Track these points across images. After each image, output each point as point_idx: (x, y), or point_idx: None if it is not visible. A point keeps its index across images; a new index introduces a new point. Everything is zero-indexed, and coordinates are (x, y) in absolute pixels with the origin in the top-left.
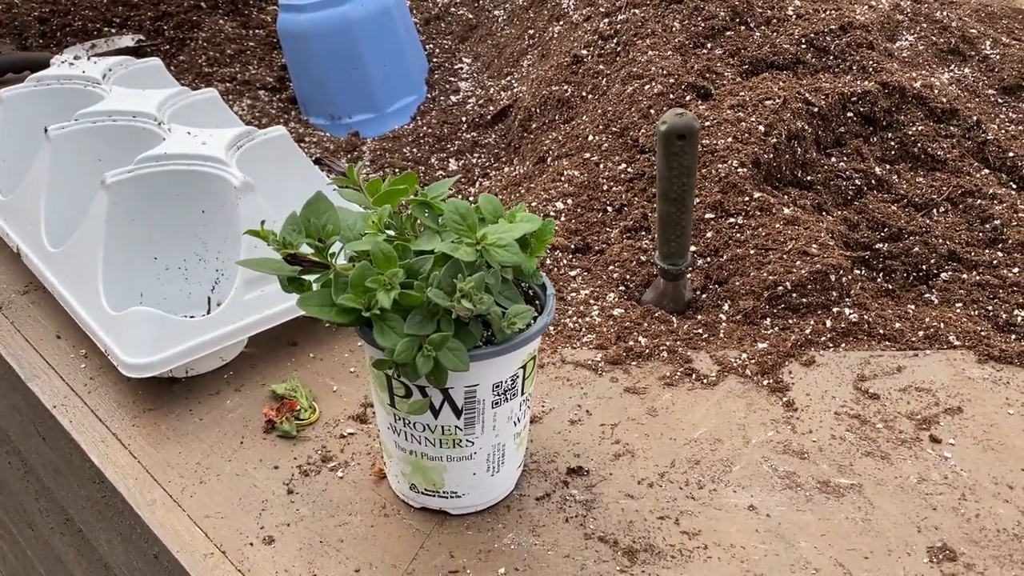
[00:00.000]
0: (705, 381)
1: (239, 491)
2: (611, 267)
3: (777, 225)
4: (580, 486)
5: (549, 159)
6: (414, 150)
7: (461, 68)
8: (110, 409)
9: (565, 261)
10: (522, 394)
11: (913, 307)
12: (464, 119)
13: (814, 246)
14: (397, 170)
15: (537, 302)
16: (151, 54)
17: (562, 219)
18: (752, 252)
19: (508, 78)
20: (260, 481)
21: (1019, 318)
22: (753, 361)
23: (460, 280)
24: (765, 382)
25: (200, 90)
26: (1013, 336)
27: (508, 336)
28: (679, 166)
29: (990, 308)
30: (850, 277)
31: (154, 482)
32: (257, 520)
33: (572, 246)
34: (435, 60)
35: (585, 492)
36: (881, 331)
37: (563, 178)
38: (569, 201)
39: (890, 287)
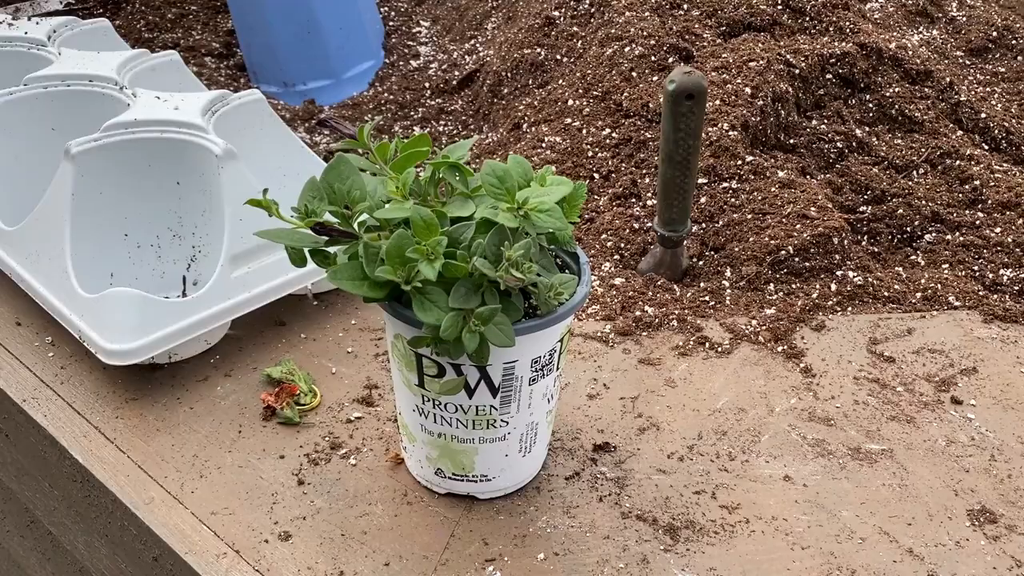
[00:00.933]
0: (719, 349)
1: (245, 484)
2: (604, 235)
3: (772, 188)
4: (609, 463)
5: (525, 125)
6: (376, 118)
7: (419, 32)
8: (88, 400)
9: None
10: (557, 369)
11: (901, 269)
12: (427, 85)
13: (812, 209)
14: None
15: (567, 271)
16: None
17: None
18: (749, 217)
19: (472, 42)
20: (267, 472)
21: (1005, 277)
22: (764, 328)
23: (507, 248)
24: (779, 348)
25: (160, 52)
26: (1008, 296)
27: (553, 308)
28: (686, 127)
29: (976, 268)
30: (851, 240)
31: (149, 478)
32: (269, 515)
33: None
34: (391, 24)
35: (615, 469)
36: (886, 293)
37: (544, 145)
38: (553, 169)
39: (876, 250)
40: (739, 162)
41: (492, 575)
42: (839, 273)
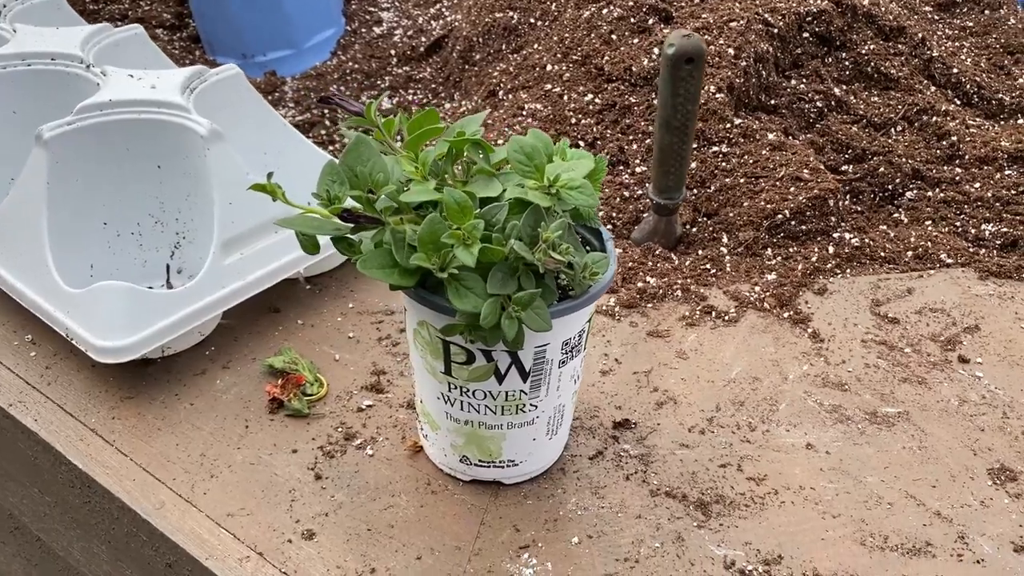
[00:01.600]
0: (726, 318)
1: (260, 482)
2: None
3: (764, 151)
4: (631, 440)
5: (501, 92)
6: (342, 88)
7: None
8: (80, 401)
9: None
10: (584, 349)
11: (886, 227)
12: (393, 52)
13: (805, 171)
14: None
15: (588, 248)
16: None
17: None
18: (742, 181)
19: (438, 6)
20: (281, 468)
21: (987, 232)
22: (768, 294)
23: (543, 229)
24: (785, 315)
25: (124, 27)
26: (993, 252)
27: (586, 288)
28: (685, 92)
29: (958, 224)
30: (845, 202)
31: (157, 482)
32: (289, 513)
33: None
34: None
35: (637, 446)
36: (882, 254)
37: (524, 112)
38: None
39: (859, 209)
40: (728, 125)
41: (528, 563)
42: (835, 235)
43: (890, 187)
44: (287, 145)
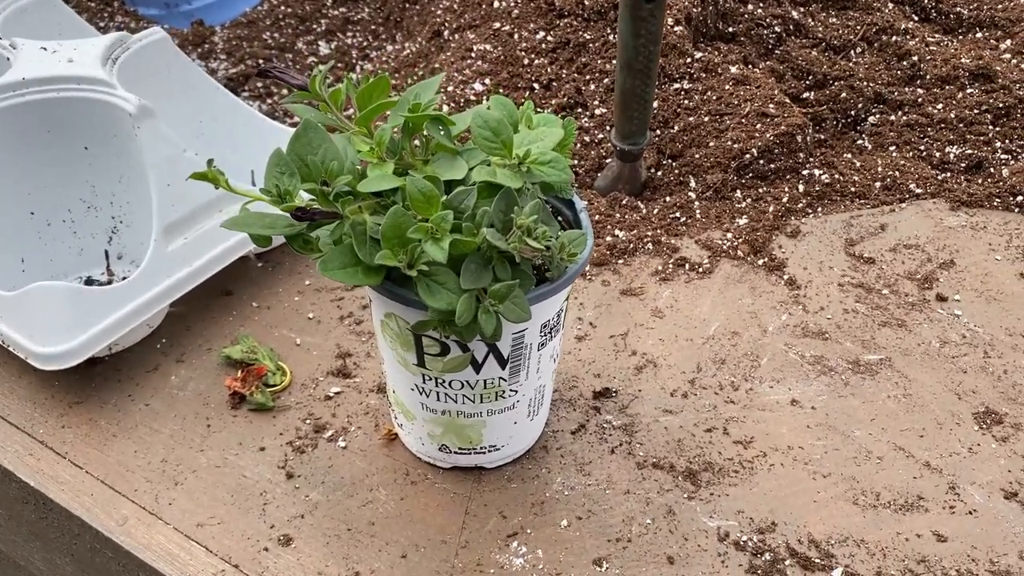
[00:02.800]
0: (700, 270)
1: (228, 487)
2: None
3: (727, 87)
4: (612, 410)
5: (447, 33)
6: (275, 35)
7: None
8: (25, 411)
9: None
10: (562, 328)
11: (849, 155)
12: None
13: (771, 106)
14: (271, 63)
15: (559, 219)
16: None
17: (484, 101)
18: (707, 120)
19: None
20: (249, 469)
21: (952, 155)
22: (741, 240)
23: (517, 214)
24: (760, 262)
25: None
26: (959, 175)
27: (564, 269)
28: (647, 33)
29: (922, 148)
30: (811, 136)
31: (117, 495)
32: (263, 518)
33: None
34: None
35: (620, 416)
36: (852, 189)
37: (473, 54)
38: (488, 81)
39: (822, 136)
40: (688, 60)
41: (518, 551)
42: (805, 172)
43: (852, 113)
44: (222, 111)
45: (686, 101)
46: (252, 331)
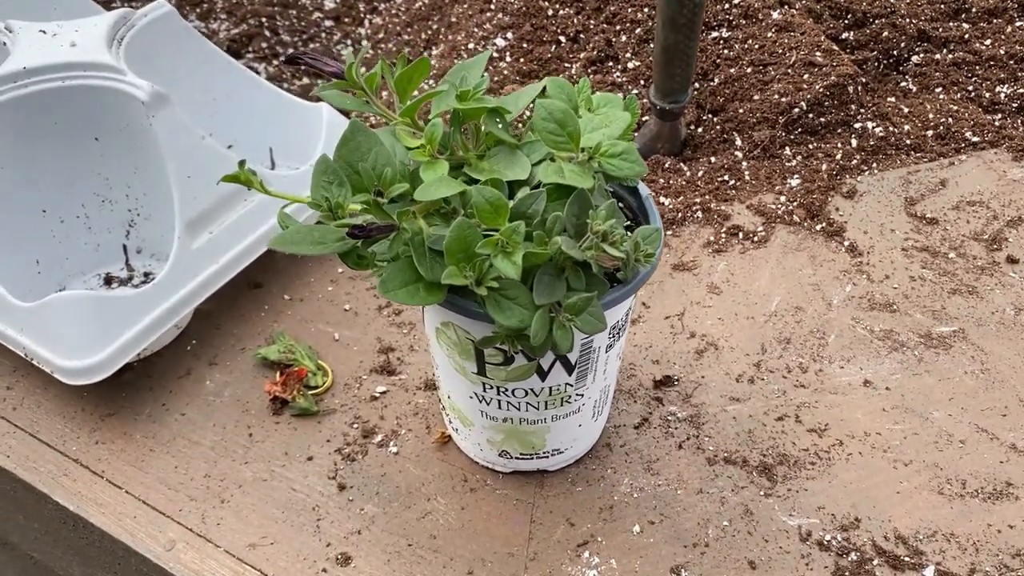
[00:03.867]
0: (755, 238)
1: (278, 501)
2: None
3: (769, 34)
4: (676, 400)
5: None
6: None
7: None
8: (55, 426)
9: (527, 112)
10: (628, 323)
11: (893, 99)
12: None
13: (818, 54)
14: (299, 35)
15: (622, 207)
16: None
17: (508, 59)
18: (749, 71)
19: None
20: (298, 482)
21: (1002, 95)
22: (795, 203)
23: (592, 218)
24: (818, 227)
25: None
26: (1008, 116)
27: (637, 271)
28: None
29: (971, 88)
30: (863, 85)
31: (161, 516)
32: (317, 536)
33: None
34: None
35: (684, 406)
36: (908, 142)
37: (493, 6)
38: (510, 35)
39: (864, 80)
40: (726, 5)
41: (590, 562)
42: (857, 126)
43: (895, 53)
44: (235, 85)
45: (726, 51)
46: (286, 327)
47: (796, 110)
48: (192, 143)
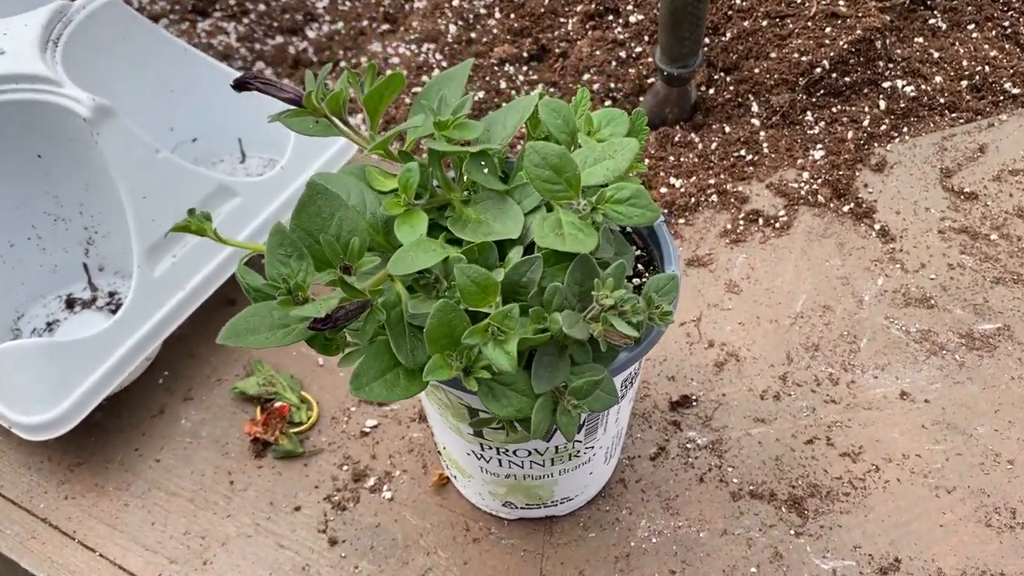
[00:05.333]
0: (776, 224)
1: (264, 561)
2: (584, 74)
3: None
4: (695, 424)
5: None
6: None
7: None
8: (21, 479)
9: (521, 77)
10: (640, 367)
11: (921, 39)
12: None
13: (840, 4)
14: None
15: (633, 245)
16: None
17: (497, 15)
18: (765, 24)
19: None
20: (286, 537)
21: None
22: (819, 180)
23: (597, 287)
24: (845, 208)
25: None
26: None
27: (651, 330)
28: None
29: (1007, 24)
30: (893, 34)
31: None
32: None
33: (524, 53)
34: None
35: (704, 431)
36: (941, 100)
37: None
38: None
39: (889, 19)
40: None
41: None
42: (886, 85)
43: None
44: (194, 74)
45: (739, 1)
46: (265, 352)
47: (818, 70)
48: (144, 159)
